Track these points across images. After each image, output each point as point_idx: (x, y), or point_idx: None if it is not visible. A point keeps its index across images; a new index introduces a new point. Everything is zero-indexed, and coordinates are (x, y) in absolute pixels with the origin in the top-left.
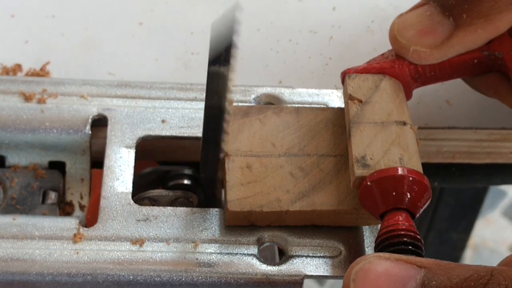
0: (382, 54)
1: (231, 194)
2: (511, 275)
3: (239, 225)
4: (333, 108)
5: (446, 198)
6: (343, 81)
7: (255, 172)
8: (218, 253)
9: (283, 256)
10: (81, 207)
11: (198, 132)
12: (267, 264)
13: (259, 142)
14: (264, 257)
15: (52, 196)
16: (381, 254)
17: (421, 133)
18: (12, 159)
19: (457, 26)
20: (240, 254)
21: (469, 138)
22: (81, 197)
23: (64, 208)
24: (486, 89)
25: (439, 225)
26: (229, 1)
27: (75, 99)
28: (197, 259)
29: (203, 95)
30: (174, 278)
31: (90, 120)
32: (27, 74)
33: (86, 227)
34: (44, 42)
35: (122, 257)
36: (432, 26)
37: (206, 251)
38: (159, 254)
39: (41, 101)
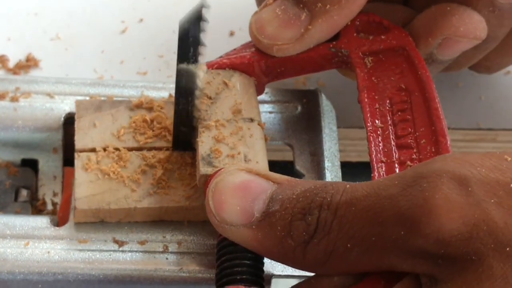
0: (243, 45)
1: (79, 192)
2: (339, 186)
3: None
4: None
5: None
6: None
7: (104, 168)
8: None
9: None
10: (54, 205)
11: None
12: None
13: (110, 138)
14: None
15: (25, 194)
16: (242, 167)
17: None
18: None
19: (313, 16)
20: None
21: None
22: (54, 195)
23: (36, 206)
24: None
25: None
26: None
27: (48, 97)
28: (167, 258)
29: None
30: (144, 276)
31: (62, 119)
32: (16, 66)
33: (58, 226)
34: (26, 39)
35: (93, 257)
36: (289, 20)
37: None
38: (129, 254)
39: (14, 99)
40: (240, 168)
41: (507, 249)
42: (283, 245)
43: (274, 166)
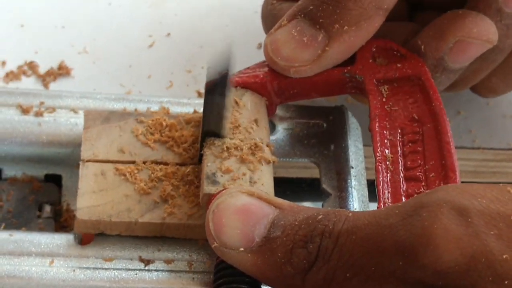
0: (256, 64)
1: (81, 202)
2: (341, 214)
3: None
4: (199, 117)
5: None
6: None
7: (109, 179)
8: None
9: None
10: None
11: None
12: None
13: (116, 150)
14: None
15: (48, 209)
16: (244, 189)
17: None
18: (9, 171)
19: (330, 37)
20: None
21: (476, 158)
22: None
23: (60, 222)
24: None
25: None
26: (237, 13)
27: (72, 112)
28: (193, 278)
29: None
30: None
31: None
32: (47, 73)
33: (82, 243)
34: (53, 52)
35: (119, 276)
36: (306, 41)
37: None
38: (155, 273)
39: (38, 114)
40: (242, 190)
41: (506, 282)
42: (282, 272)
43: (301, 183)
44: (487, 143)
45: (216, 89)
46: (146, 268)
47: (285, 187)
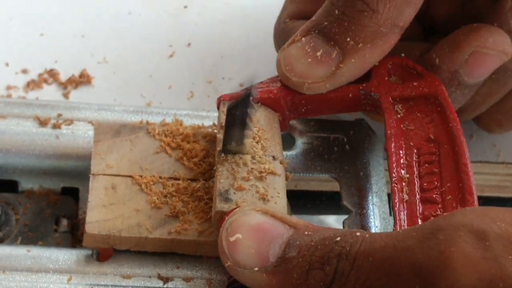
0: (270, 79)
1: (91, 215)
2: (358, 236)
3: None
4: (212, 131)
5: None
6: (218, 108)
7: (120, 193)
8: None
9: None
10: None
11: None
12: None
13: (127, 164)
14: None
15: (65, 223)
16: (258, 207)
17: None
18: (25, 184)
19: (344, 54)
20: None
21: (499, 173)
22: None
23: (77, 236)
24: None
25: None
26: (258, 23)
27: (90, 125)
28: None
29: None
30: None
31: None
32: (68, 81)
33: (100, 259)
34: (73, 62)
35: None
36: (320, 57)
37: None
38: None
39: (56, 126)
40: (256, 208)
41: None
42: None
43: (321, 196)
44: (511, 158)
45: (238, 108)
46: (165, 286)
47: (306, 200)
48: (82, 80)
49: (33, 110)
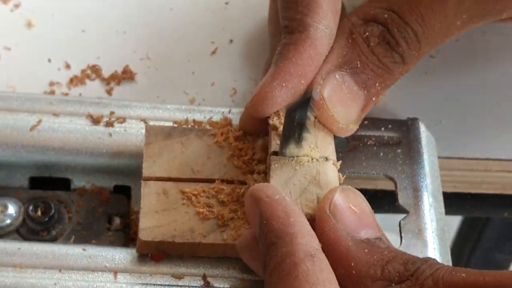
0: None
1: (143, 222)
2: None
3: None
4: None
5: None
6: None
7: (172, 199)
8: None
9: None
10: None
11: None
12: None
13: (178, 167)
14: None
15: (118, 222)
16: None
17: (496, 165)
18: (78, 182)
19: (369, 98)
20: None
21: None
22: None
23: (129, 234)
24: None
25: (484, 243)
26: None
27: (143, 123)
28: None
29: None
30: None
31: None
32: (111, 77)
33: (155, 260)
34: (115, 59)
35: None
36: (351, 99)
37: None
38: None
39: (108, 124)
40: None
41: None
42: (368, 271)
43: (376, 195)
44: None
45: (297, 111)
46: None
47: None
48: (125, 76)
49: (86, 108)
